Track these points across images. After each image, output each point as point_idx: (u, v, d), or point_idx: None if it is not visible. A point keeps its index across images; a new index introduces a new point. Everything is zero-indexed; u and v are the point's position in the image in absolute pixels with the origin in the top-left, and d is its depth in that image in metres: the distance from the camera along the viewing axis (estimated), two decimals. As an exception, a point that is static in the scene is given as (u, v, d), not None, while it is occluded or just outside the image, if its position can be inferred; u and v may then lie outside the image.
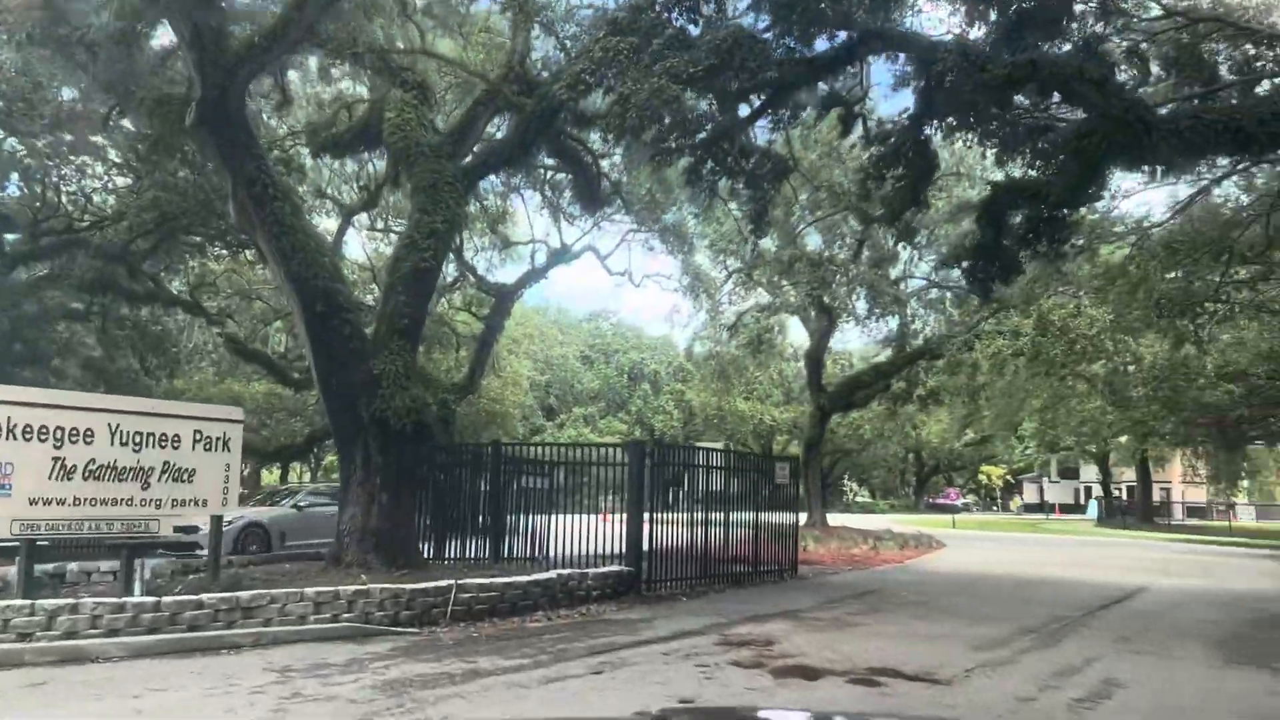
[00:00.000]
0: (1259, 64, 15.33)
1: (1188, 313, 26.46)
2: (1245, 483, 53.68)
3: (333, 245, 25.29)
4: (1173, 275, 25.96)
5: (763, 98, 13.31)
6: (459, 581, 10.86)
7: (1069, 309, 27.42)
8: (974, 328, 30.51)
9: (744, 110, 14.50)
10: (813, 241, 30.50)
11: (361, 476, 13.46)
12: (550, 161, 21.77)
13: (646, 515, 13.40)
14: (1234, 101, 12.86)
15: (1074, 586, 15.96)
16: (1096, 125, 10.77)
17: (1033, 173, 13.58)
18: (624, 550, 13.28)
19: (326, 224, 28.34)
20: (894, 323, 32.62)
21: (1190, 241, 22.94)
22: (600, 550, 13.47)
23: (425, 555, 14.34)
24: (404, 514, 13.56)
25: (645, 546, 13.35)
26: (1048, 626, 11.00)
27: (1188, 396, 34.01)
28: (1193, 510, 62.53)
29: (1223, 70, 15.66)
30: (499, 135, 18.50)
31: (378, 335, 13.96)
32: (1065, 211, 15.30)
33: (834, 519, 37.70)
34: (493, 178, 28.09)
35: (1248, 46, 15.52)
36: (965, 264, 14.53)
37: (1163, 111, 11.66)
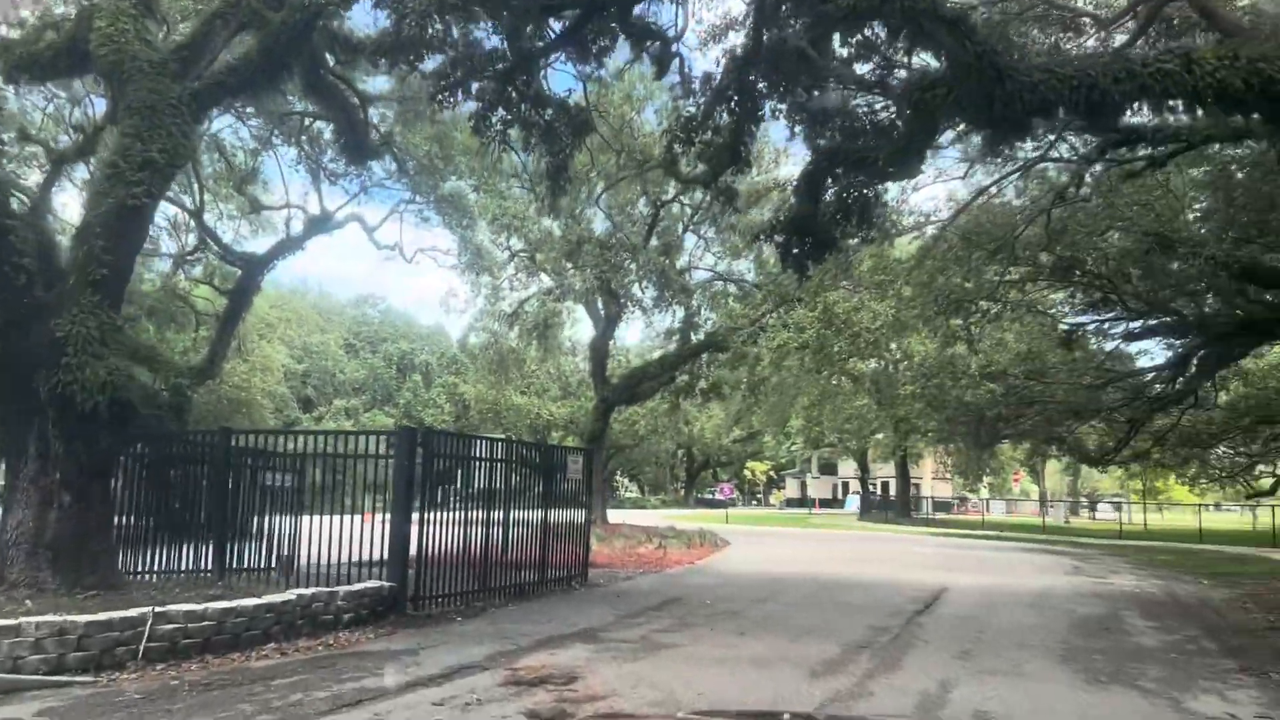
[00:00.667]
0: (1067, 49, 15.02)
1: (962, 310, 27.03)
2: (989, 478, 57.36)
3: (39, 197, 21.11)
4: (956, 272, 26.44)
5: (567, 22, 11.33)
6: (160, 609, 8.16)
7: (852, 303, 27.32)
8: (758, 320, 30.01)
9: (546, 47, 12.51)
10: (600, 225, 28.93)
11: (35, 471, 10.30)
12: (309, 108, 18.85)
13: (417, 516, 11.09)
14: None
15: (876, 587, 15.06)
16: (944, 76, 9.59)
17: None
18: (386, 560, 10.88)
19: (36, 178, 23.73)
20: (680, 314, 31.65)
21: (981, 237, 23.13)
22: (361, 558, 10.99)
23: (127, 570, 11.34)
24: (94, 519, 10.50)
25: (414, 554, 11.04)
26: (877, 640, 9.70)
27: (951, 395, 35.23)
28: (939, 505, 66.56)
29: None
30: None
31: (66, 290, 10.82)
32: (883, 185, 14.37)
33: (613, 515, 36.42)
34: (242, 131, 24.60)
35: (1056, 30, 15.21)
36: (779, 239, 13.19)
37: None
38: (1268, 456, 42.69)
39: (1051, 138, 21.38)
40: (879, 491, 73.13)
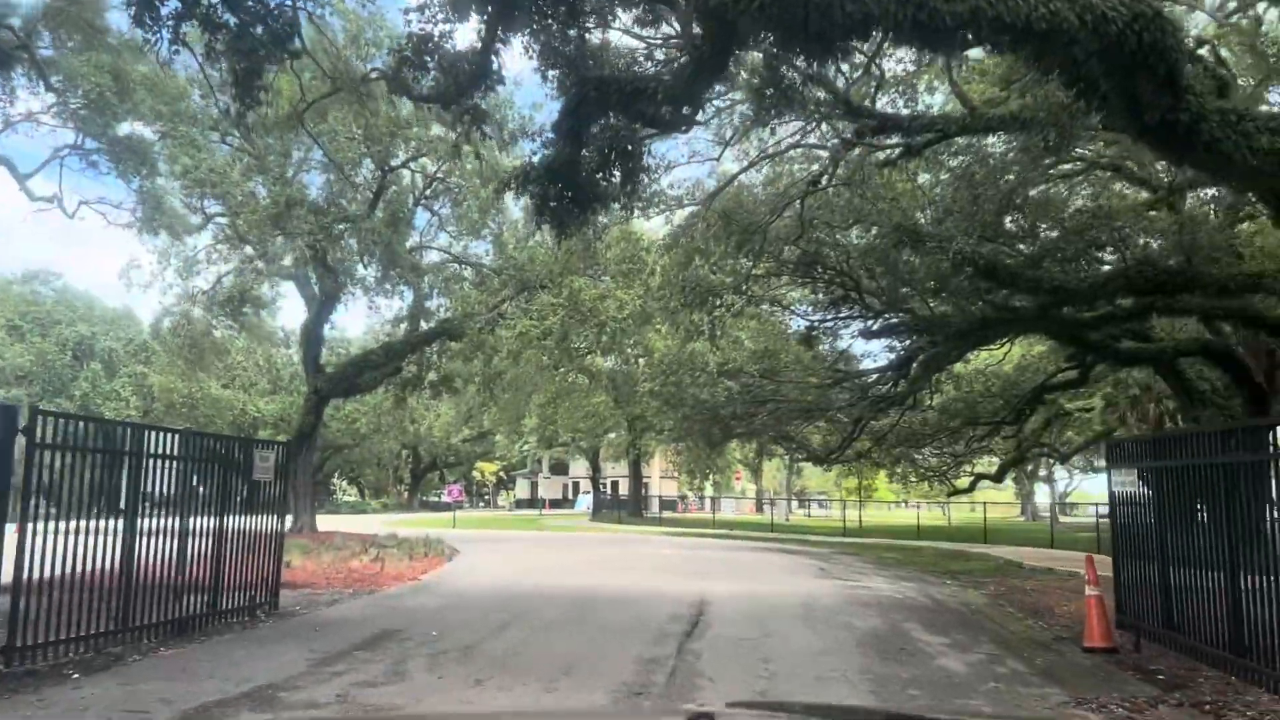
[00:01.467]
0: None
1: (707, 303, 26.09)
2: (715, 477, 58.17)
3: None
4: (704, 264, 25.40)
5: None
6: None
7: (598, 291, 25.62)
8: (496, 307, 27.63)
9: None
10: (316, 189, 25.33)
11: None
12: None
13: (16, 527, 7.79)
14: None
15: (631, 601, 13.14)
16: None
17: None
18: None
19: None
20: (409, 297, 28.61)
21: (732, 226, 22.06)
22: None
23: None
24: None
25: (15, 581, 7.73)
26: (652, 681, 7.64)
27: (689, 393, 34.49)
28: (666, 503, 67.17)
29: None
30: None
31: None
32: (652, 133, 12.54)
33: (325, 522, 32.55)
34: None
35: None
36: (534, 189, 10.95)
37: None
38: (970, 456, 45.90)
39: (810, 124, 20.81)
40: (609, 491, 72.86)
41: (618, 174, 11.23)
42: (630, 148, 11.79)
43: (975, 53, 21.47)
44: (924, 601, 13.62)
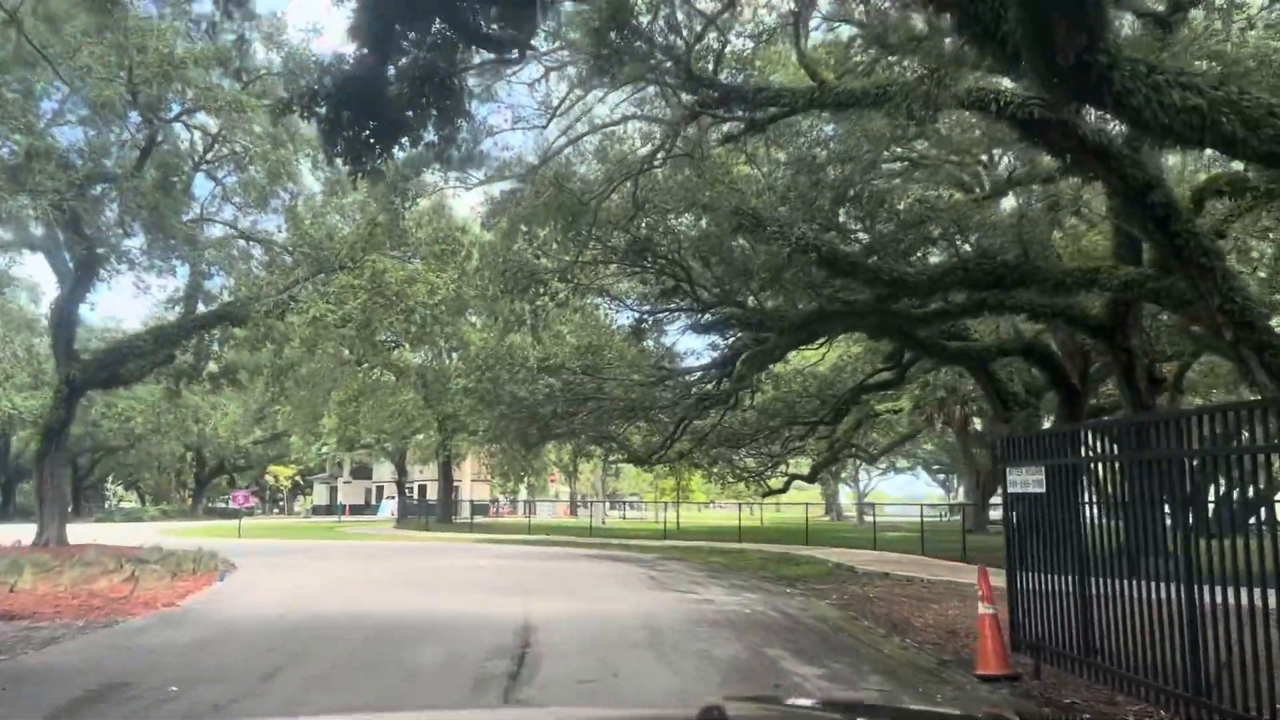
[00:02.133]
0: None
1: (530, 291, 24.05)
2: (530, 479, 56.01)
3: None
4: (527, 248, 23.31)
5: None
6: None
7: (405, 273, 23.02)
8: (288, 289, 24.47)
9: None
10: (68, 139, 21.45)
11: None
12: None
13: None
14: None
15: (442, 629, 10.94)
16: None
17: None
18: None
19: None
20: (186, 274, 24.98)
21: (560, 209, 20.13)
22: None
23: None
24: None
25: None
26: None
27: (506, 390, 32.26)
28: (478, 507, 64.38)
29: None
30: None
31: None
32: (477, 55, 10.48)
33: (85, 532, 28.20)
34: None
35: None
36: (324, 112, 8.63)
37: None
38: (785, 457, 45.88)
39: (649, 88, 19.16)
40: (417, 496, 69.18)
41: (433, 104, 9.07)
42: (448, 81, 9.66)
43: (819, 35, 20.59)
44: (776, 618, 12.11)
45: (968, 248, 20.64)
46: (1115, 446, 7.11)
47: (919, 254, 20.85)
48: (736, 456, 45.40)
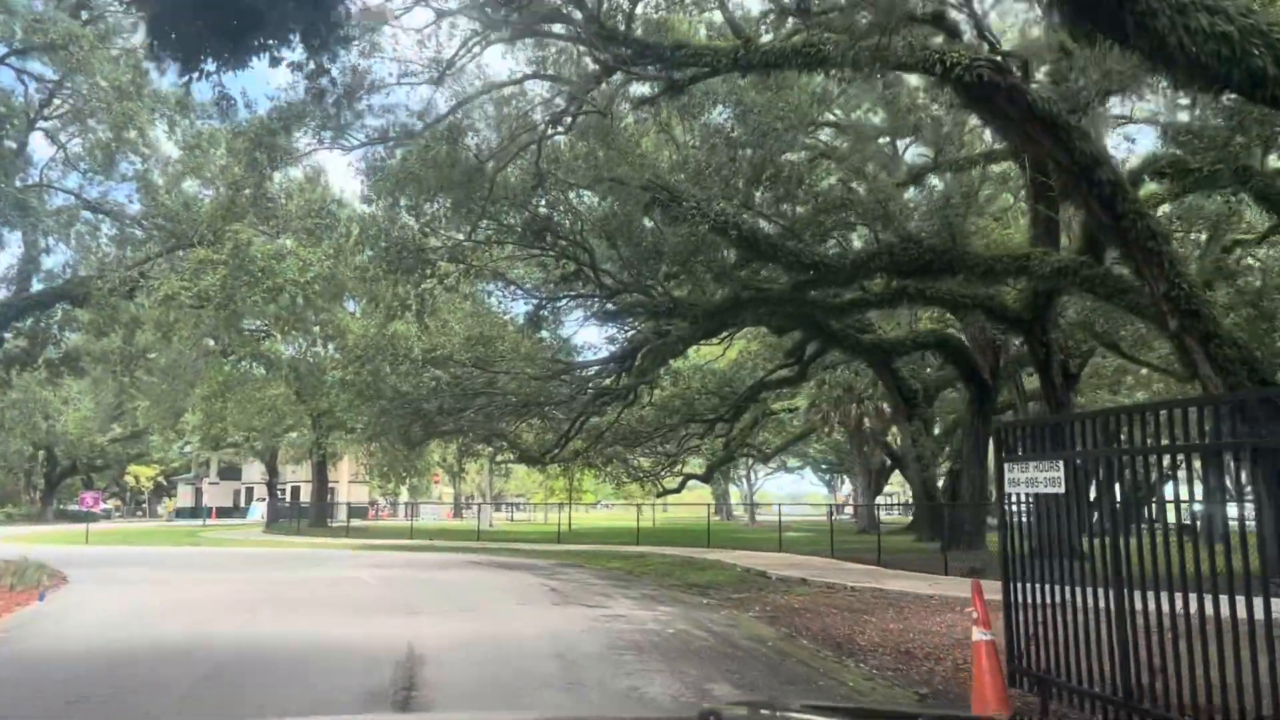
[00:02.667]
0: None
1: (415, 272, 21.88)
2: (412, 480, 53.23)
3: None
4: (412, 227, 21.13)
5: None
6: None
7: (272, 248, 20.50)
8: (138, 265, 21.65)
9: None
10: None
11: None
12: None
13: None
14: None
15: (307, 664, 8.90)
16: None
17: None
18: None
19: None
20: (19, 246, 21.83)
21: (447, 178, 18.09)
22: None
23: None
24: None
25: None
26: None
27: (388, 384, 29.85)
28: (356, 510, 61.07)
29: None
30: None
31: None
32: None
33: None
34: None
35: None
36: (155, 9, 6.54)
37: None
38: (681, 456, 44.54)
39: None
40: (289, 497, 65.29)
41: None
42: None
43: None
44: (704, 638, 10.47)
45: (889, 236, 19.51)
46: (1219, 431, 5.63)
47: (838, 239, 19.62)
48: (632, 455, 43.90)
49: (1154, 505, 6.73)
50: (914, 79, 16.28)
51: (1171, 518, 6.12)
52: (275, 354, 35.67)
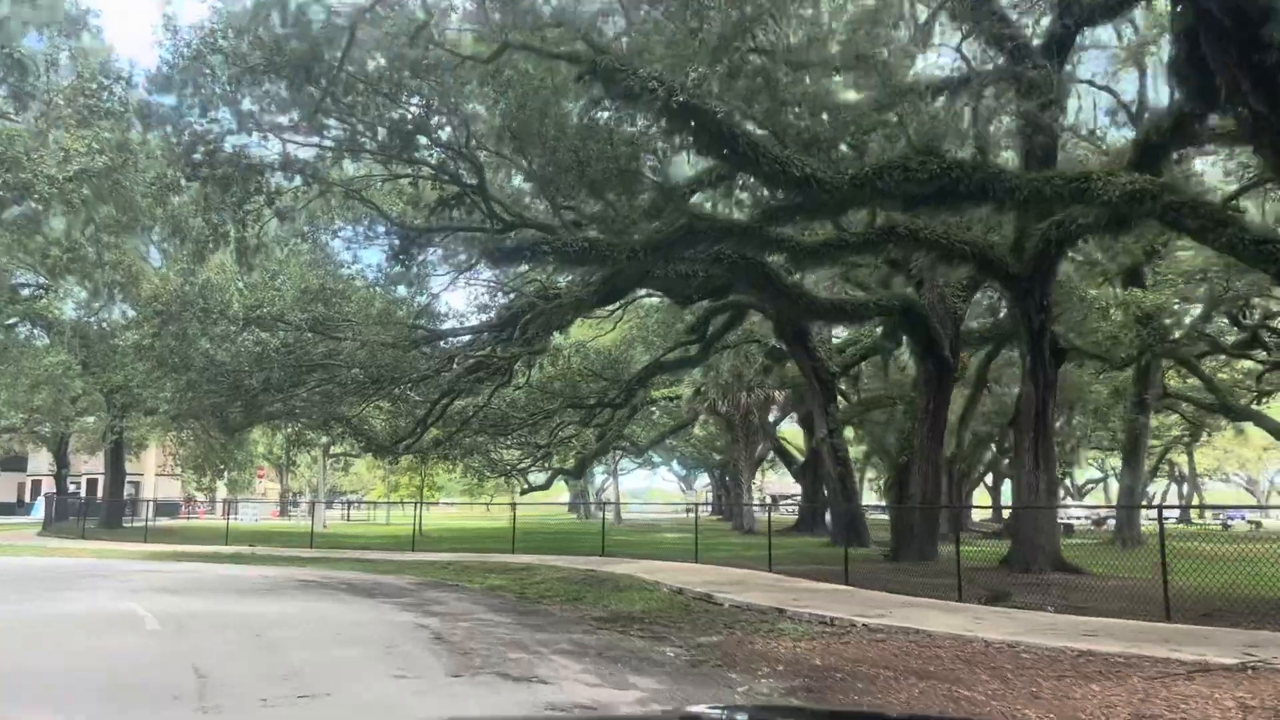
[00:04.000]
0: None
1: (233, 189, 15.94)
2: (232, 474, 45.83)
3: None
4: (231, 114, 15.17)
5: None
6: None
7: (16, 130, 14.15)
8: None
9: None
10: None
11: None
12: None
13: None
14: None
15: None
16: None
17: None
18: None
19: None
20: None
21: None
22: None
23: None
24: None
25: None
26: None
27: (199, 350, 23.38)
28: (164, 508, 52.71)
29: None
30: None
31: None
32: None
33: None
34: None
35: None
36: None
37: None
38: (552, 448, 39.16)
39: None
40: (85, 492, 55.93)
41: None
42: None
43: None
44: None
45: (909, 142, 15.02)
46: None
47: (824, 152, 15.00)
48: (494, 447, 38.31)
49: None
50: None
51: None
52: (52, 313, 28.32)
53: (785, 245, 14.89)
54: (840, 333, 32.77)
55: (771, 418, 45.47)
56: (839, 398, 31.56)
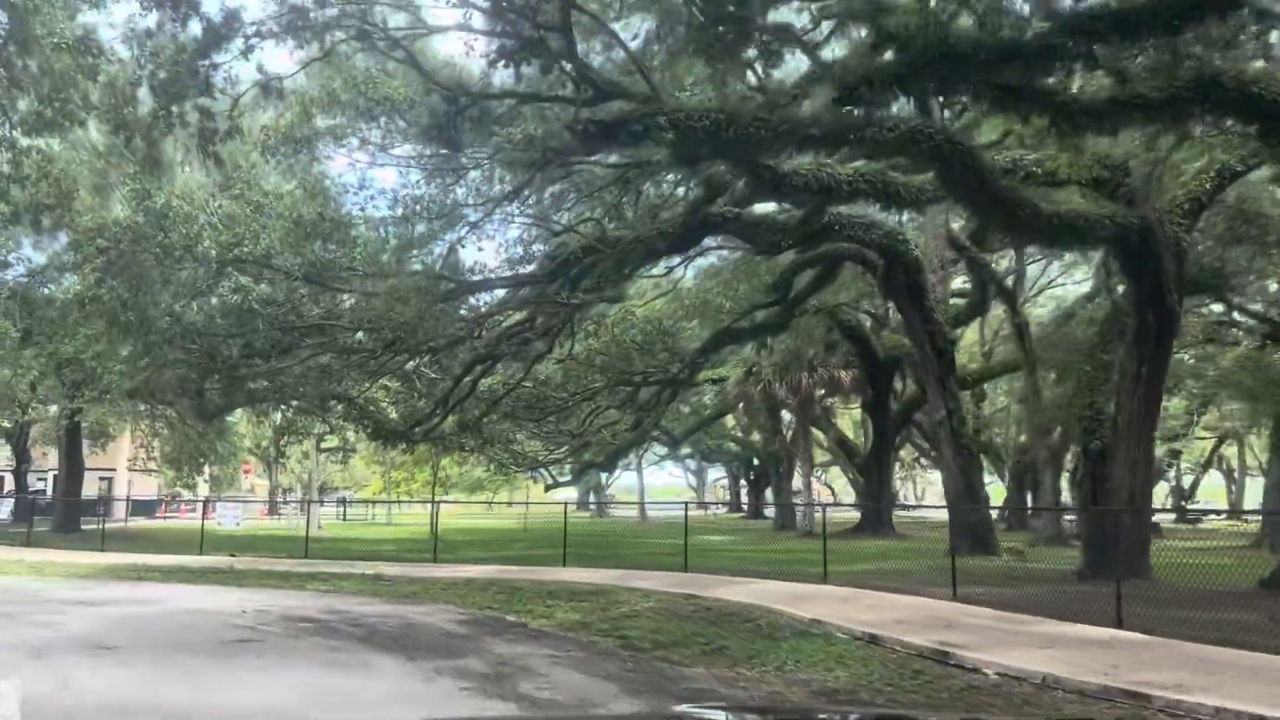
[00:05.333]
0: None
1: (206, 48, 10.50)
2: (214, 468, 40.21)
3: None
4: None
5: None
6: None
7: None
8: None
9: None
10: None
11: None
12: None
13: None
14: None
15: None
16: None
17: None
18: None
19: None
20: None
21: None
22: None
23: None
24: None
25: None
26: None
27: (158, 306, 17.87)
28: (142, 506, 47.07)
29: None
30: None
31: None
32: None
33: None
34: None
35: None
36: None
37: None
38: (588, 436, 33.54)
39: None
40: (51, 490, 50.16)
41: None
42: None
43: None
44: None
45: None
46: None
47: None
48: (518, 436, 32.86)
49: None
50: None
51: None
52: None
53: (1055, 102, 9.52)
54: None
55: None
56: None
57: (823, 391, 35.64)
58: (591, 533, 33.83)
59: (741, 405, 39.17)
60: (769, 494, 52.28)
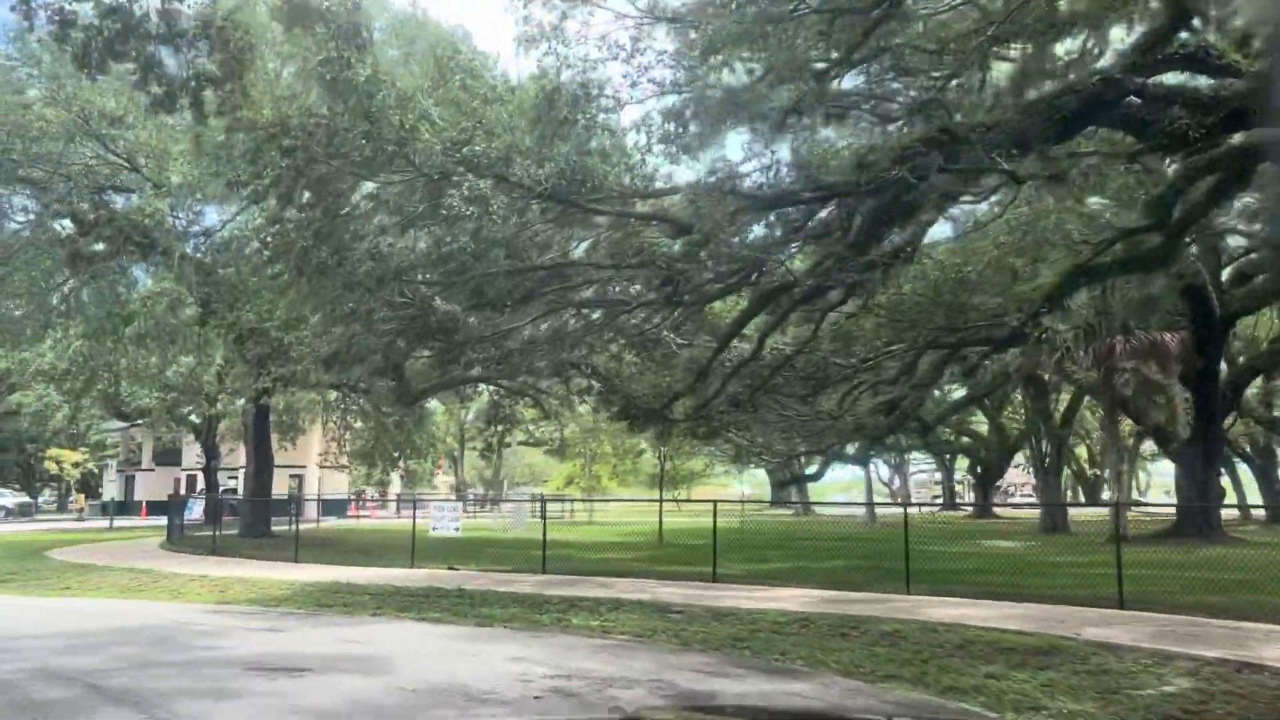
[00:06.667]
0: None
1: None
2: (410, 463, 36.36)
3: None
4: None
5: None
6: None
7: None
8: None
9: None
10: None
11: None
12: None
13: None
14: None
15: None
16: None
17: None
18: None
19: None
20: None
21: None
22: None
23: None
24: None
25: None
26: None
27: (360, 245, 13.13)
28: (329, 507, 44.24)
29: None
30: None
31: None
32: None
33: None
34: None
35: None
36: None
37: None
38: (845, 416, 27.49)
39: None
40: (241, 489, 48.11)
41: None
42: None
43: None
44: None
45: None
46: None
47: None
48: (759, 421, 27.19)
49: None
50: None
51: None
52: (154, 222, 18.85)
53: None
54: None
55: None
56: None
57: (1132, 363, 28.42)
58: (839, 536, 28.17)
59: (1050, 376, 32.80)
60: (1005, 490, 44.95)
